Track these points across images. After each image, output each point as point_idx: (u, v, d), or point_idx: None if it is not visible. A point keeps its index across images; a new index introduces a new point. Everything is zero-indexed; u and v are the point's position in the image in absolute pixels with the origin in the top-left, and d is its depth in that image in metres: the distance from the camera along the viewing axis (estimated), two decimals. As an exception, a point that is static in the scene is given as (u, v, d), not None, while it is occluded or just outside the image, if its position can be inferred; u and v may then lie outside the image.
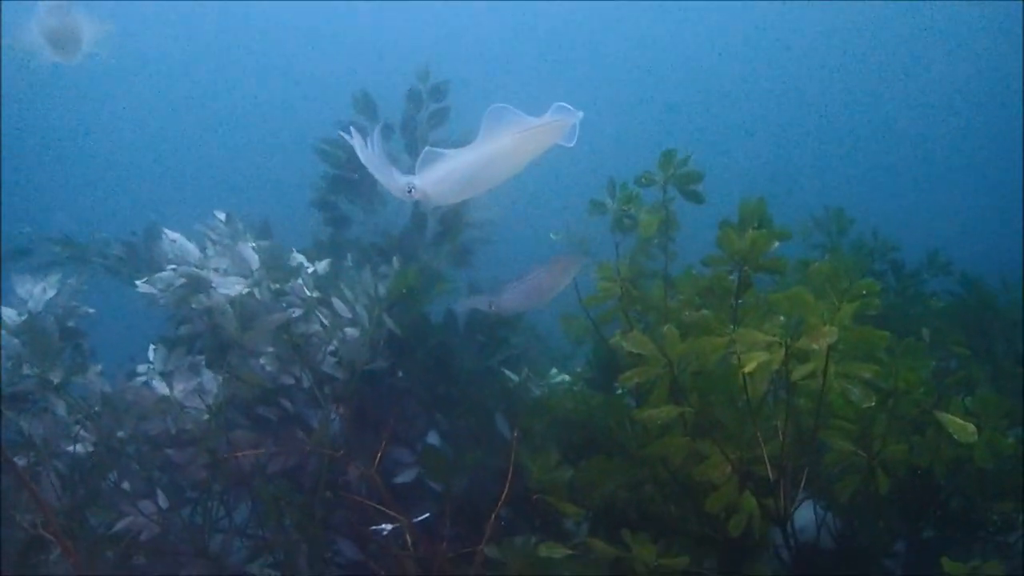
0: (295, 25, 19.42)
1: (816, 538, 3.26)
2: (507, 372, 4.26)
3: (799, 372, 2.48)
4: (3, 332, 3.03)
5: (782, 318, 2.55)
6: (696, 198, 2.97)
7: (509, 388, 4.17)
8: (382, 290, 3.62)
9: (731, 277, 2.68)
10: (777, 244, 2.56)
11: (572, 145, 2.46)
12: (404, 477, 3.70)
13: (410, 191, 2.50)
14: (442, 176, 2.50)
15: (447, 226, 4.40)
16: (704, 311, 2.76)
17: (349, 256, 3.88)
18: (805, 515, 3.34)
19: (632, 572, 2.94)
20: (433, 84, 4.46)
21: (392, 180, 2.52)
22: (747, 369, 2.39)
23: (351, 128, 2.58)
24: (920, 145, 21.30)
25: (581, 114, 2.46)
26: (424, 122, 4.46)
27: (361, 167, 4.34)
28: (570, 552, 2.90)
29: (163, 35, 18.70)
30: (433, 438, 3.91)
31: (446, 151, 2.56)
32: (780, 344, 2.42)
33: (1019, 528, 3.51)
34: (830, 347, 2.42)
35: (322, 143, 4.41)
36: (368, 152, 2.54)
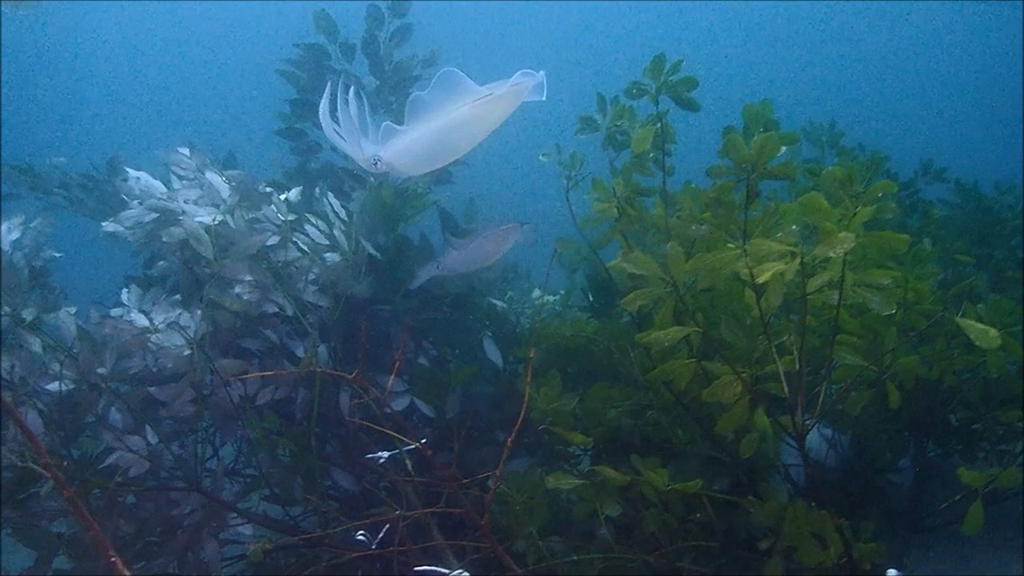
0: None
1: (824, 457, 3.21)
2: (493, 300, 4.15)
3: (815, 282, 2.37)
4: None
5: (794, 227, 2.42)
6: (692, 106, 2.80)
7: (496, 312, 4.07)
8: (355, 213, 3.49)
9: (737, 188, 2.54)
10: (784, 149, 2.40)
11: (542, 98, 2.50)
12: (396, 405, 3.59)
13: (375, 164, 2.53)
14: (405, 148, 2.52)
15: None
16: (706, 226, 2.62)
17: (321, 184, 3.73)
18: (810, 437, 3.28)
19: (642, 498, 2.87)
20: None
21: (358, 151, 2.53)
22: (761, 279, 2.26)
23: (325, 96, 2.52)
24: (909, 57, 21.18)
25: (542, 75, 2.47)
26: (386, 41, 4.27)
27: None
28: (581, 482, 2.81)
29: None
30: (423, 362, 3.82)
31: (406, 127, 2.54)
32: (795, 253, 2.30)
33: (1021, 437, 3.49)
34: (845, 255, 2.31)
35: (285, 64, 4.22)
36: (335, 121, 2.52)
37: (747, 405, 2.63)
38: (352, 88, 2.59)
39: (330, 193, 3.54)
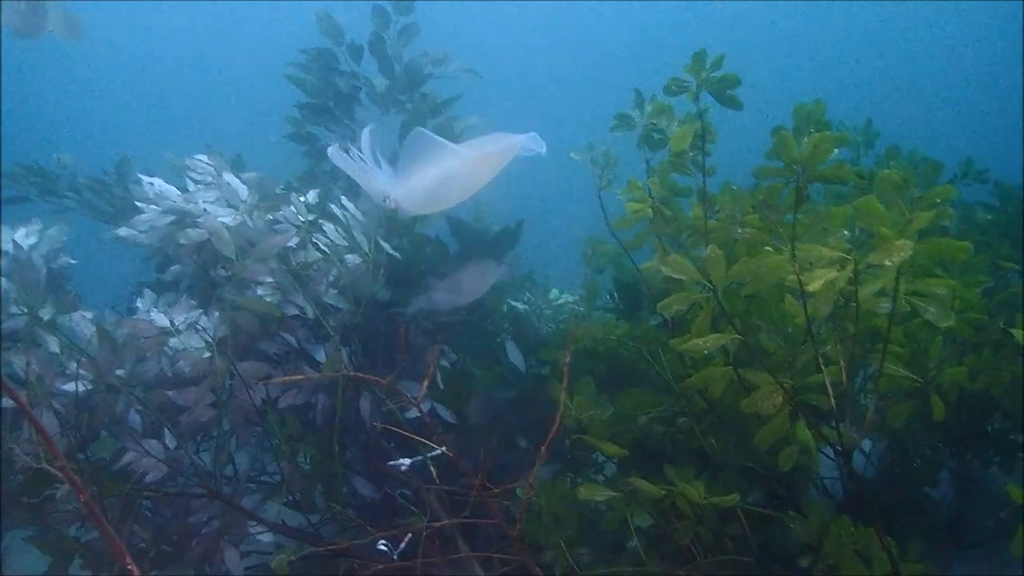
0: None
1: (862, 470, 3.10)
2: (513, 302, 4.07)
3: (867, 290, 2.25)
4: None
5: (845, 233, 2.31)
6: (734, 103, 2.69)
7: (518, 314, 3.98)
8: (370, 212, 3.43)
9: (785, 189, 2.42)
10: (837, 151, 2.29)
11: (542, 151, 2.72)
12: (415, 411, 3.50)
13: (385, 200, 2.76)
14: (410, 191, 2.74)
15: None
16: (749, 228, 2.51)
17: (332, 186, 3.67)
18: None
19: (674, 509, 2.77)
20: None
21: (372, 186, 2.76)
22: (812, 287, 2.16)
23: (335, 145, 2.76)
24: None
25: (544, 148, 2.70)
26: (394, 40, 4.22)
27: (335, 95, 4.14)
28: (614, 495, 2.71)
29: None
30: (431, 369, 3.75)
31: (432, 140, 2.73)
32: (849, 260, 2.19)
33: (1060, 449, 3.38)
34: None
35: (293, 68, 4.18)
36: (350, 160, 2.74)
37: (787, 416, 2.53)
38: (368, 128, 2.79)
39: (344, 196, 3.47)
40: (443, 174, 2.70)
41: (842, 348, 2.43)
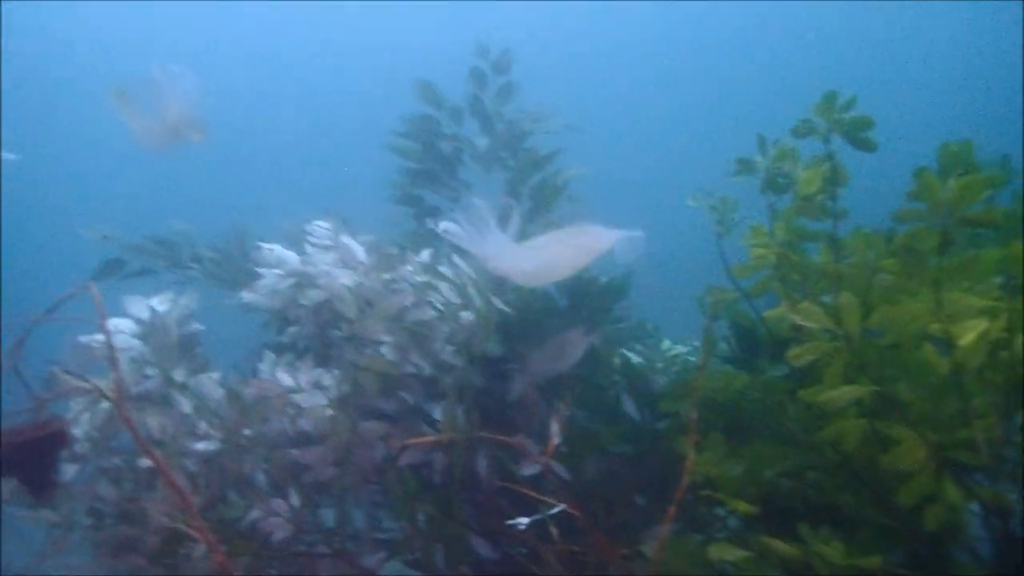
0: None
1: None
2: (628, 354, 4.00)
3: (1021, 341, 2.12)
4: (125, 335, 2.90)
5: (995, 280, 2.19)
6: (868, 146, 2.61)
7: (633, 368, 3.90)
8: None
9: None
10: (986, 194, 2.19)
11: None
12: (531, 469, 3.46)
13: (491, 268, 2.92)
14: (512, 265, 2.89)
15: (541, 199, 4.17)
16: (885, 275, 2.41)
17: (441, 245, 3.70)
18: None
19: (807, 568, 2.63)
20: (495, 58, 4.24)
21: (481, 252, 2.89)
22: (964, 341, 2.04)
23: (446, 224, 2.89)
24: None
25: (643, 246, 2.76)
26: (493, 99, 4.25)
27: (438, 158, 4.20)
28: (747, 555, 2.59)
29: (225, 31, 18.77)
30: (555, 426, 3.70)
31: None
32: (1001, 308, 2.07)
33: None
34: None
35: (394, 137, 4.24)
36: (460, 233, 2.87)
37: (932, 473, 2.39)
38: (474, 203, 2.86)
39: (455, 255, 3.51)
40: (542, 259, 2.87)
41: (991, 400, 2.29)
